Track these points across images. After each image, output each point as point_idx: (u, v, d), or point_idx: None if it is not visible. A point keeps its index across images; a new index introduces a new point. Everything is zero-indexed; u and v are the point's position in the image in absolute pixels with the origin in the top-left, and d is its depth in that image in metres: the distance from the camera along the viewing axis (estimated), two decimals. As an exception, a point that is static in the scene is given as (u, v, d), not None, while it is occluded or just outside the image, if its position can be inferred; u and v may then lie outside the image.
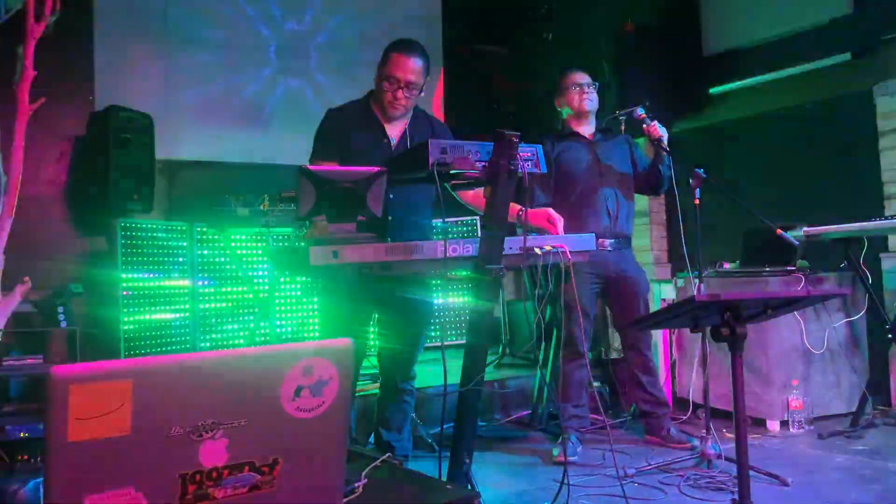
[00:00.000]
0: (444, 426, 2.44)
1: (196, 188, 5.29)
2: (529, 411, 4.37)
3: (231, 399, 1.12)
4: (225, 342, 4.96)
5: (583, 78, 3.72)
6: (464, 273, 2.28)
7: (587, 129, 3.77)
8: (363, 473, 1.78)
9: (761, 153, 5.05)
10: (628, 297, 3.70)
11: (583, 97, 3.70)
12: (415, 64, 2.81)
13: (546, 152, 3.65)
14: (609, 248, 3.65)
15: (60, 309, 4.34)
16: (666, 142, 3.53)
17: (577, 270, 3.44)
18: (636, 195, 3.88)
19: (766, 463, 3.18)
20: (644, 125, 3.53)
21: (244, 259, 5.07)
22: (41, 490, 1.31)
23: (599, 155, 3.72)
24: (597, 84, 3.75)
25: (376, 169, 2.26)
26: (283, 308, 5.15)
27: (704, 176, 3.38)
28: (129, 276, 4.56)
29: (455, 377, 2.36)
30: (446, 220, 2.54)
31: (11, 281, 3.66)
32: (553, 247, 2.35)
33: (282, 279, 5.08)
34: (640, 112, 3.55)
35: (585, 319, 3.64)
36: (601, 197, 3.66)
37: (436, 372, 2.51)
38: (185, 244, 4.88)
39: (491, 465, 3.44)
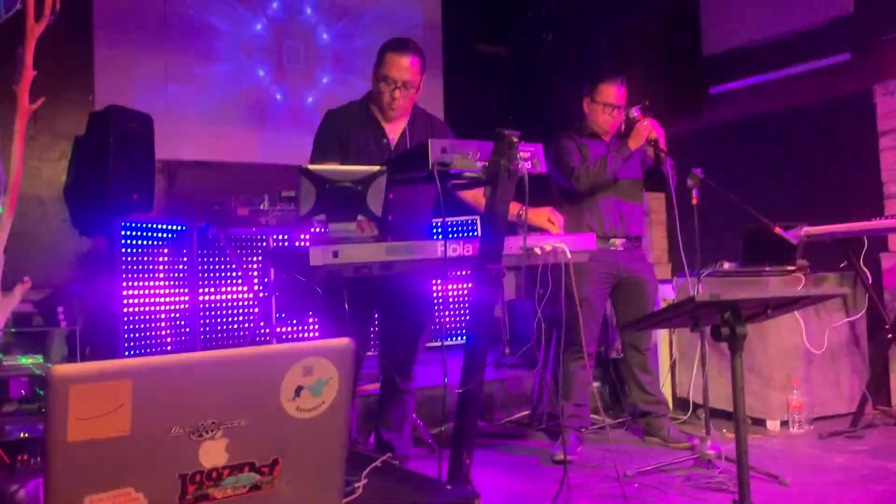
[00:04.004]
0: (444, 426, 2.44)
1: (196, 188, 5.30)
2: (529, 411, 4.37)
3: (231, 399, 1.12)
4: (225, 342, 4.96)
5: (618, 98, 3.64)
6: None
7: (604, 133, 3.76)
8: (363, 473, 1.78)
9: (761, 153, 5.05)
10: (636, 297, 3.71)
11: (609, 120, 3.66)
12: (409, 62, 2.80)
13: (577, 146, 3.67)
14: (621, 248, 3.67)
15: (60, 309, 4.35)
16: (663, 142, 3.52)
17: (588, 269, 3.46)
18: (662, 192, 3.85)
19: (766, 463, 3.18)
20: (640, 126, 3.50)
21: (244, 259, 5.07)
22: (41, 490, 1.31)
23: (613, 155, 3.70)
24: (624, 105, 3.66)
25: (376, 169, 2.26)
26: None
27: (702, 176, 3.38)
28: (129, 275, 4.56)
29: (455, 377, 2.36)
30: (446, 219, 2.54)
31: (11, 281, 3.66)
32: (553, 246, 2.35)
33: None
34: (636, 112, 3.54)
35: (594, 319, 3.64)
36: (613, 196, 3.66)
37: (436, 372, 2.51)
38: (184, 244, 4.88)
39: (491, 465, 3.44)
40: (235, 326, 5.02)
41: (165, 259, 4.78)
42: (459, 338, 5.58)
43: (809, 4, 4.83)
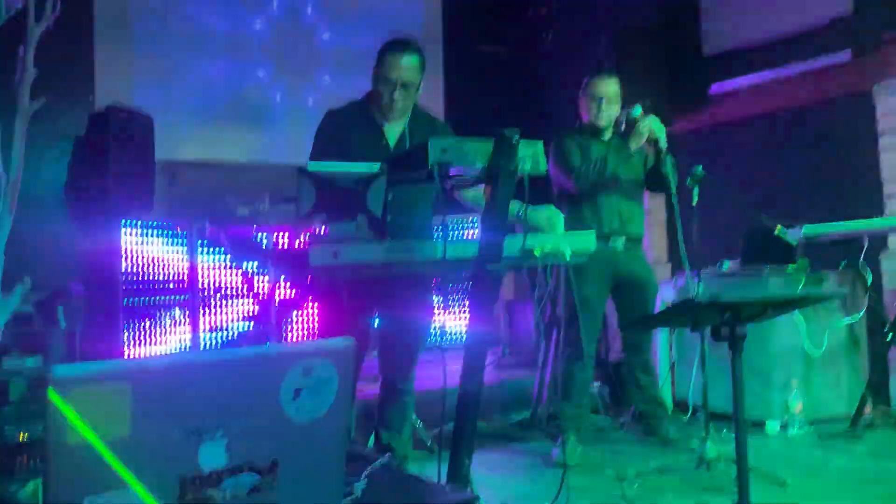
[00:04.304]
0: (444, 427, 2.44)
1: (196, 188, 5.29)
2: (529, 411, 4.37)
3: (231, 400, 1.12)
4: (225, 342, 4.96)
5: (603, 91, 3.64)
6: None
7: (604, 133, 3.75)
8: (362, 475, 1.78)
9: (761, 153, 5.04)
10: (637, 298, 3.70)
11: (599, 113, 3.65)
12: (409, 63, 2.79)
13: (577, 145, 3.67)
14: (620, 248, 3.66)
15: (60, 309, 4.34)
16: (664, 142, 3.50)
17: (587, 269, 3.46)
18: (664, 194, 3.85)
19: (766, 464, 3.18)
20: (640, 125, 3.50)
21: (244, 259, 5.06)
22: (40, 492, 1.31)
23: (614, 155, 3.70)
24: (615, 99, 3.66)
25: (377, 169, 2.26)
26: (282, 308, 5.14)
27: (702, 175, 3.38)
28: (129, 275, 4.56)
29: (455, 377, 2.35)
30: (446, 219, 2.54)
31: (11, 281, 3.66)
32: (553, 247, 2.35)
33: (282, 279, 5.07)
34: (637, 111, 3.52)
35: (594, 319, 3.63)
36: (614, 197, 3.65)
37: (436, 372, 2.51)
38: (184, 244, 4.87)
39: (490, 467, 3.43)
40: (235, 326, 5.01)
41: (165, 259, 4.77)
42: (459, 338, 5.58)
43: (809, 4, 4.83)
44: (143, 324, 4.63)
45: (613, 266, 3.64)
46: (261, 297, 4.96)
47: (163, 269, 4.76)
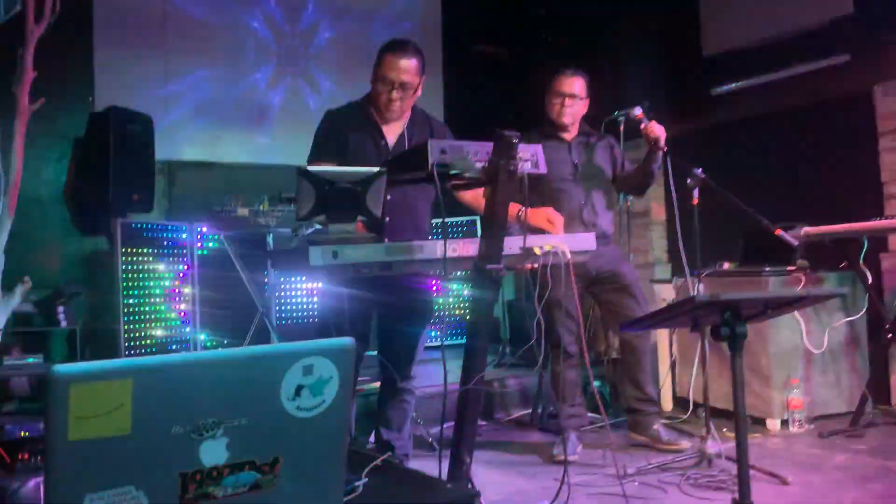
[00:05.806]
0: (444, 426, 2.44)
1: (196, 188, 5.30)
2: (529, 411, 4.37)
3: (231, 398, 1.13)
4: (225, 342, 4.96)
5: (567, 87, 3.64)
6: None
7: (568, 132, 3.74)
8: (363, 473, 1.78)
9: (761, 153, 5.04)
10: (614, 291, 3.67)
11: (561, 110, 3.65)
12: (408, 64, 2.79)
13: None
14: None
15: (60, 309, 4.35)
16: (664, 141, 3.51)
17: (554, 271, 3.42)
18: (638, 196, 3.85)
19: (767, 462, 3.18)
20: (642, 125, 3.51)
21: (244, 259, 5.07)
22: (42, 489, 1.31)
23: (577, 155, 3.69)
24: (579, 97, 3.65)
25: (376, 170, 2.26)
26: (283, 308, 5.15)
27: (702, 176, 3.38)
28: (129, 276, 4.57)
29: (455, 377, 2.36)
30: (445, 220, 2.54)
31: (11, 281, 3.67)
32: (553, 247, 2.35)
33: (282, 279, 5.08)
34: (637, 112, 3.53)
35: (570, 320, 3.58)
36: (576, 197, 3.64)
37: (436, 372, 2.52)
38: (184, 244, 4.88)
39: (491, 465, 3.44)
40: (236, 326, 5.01)
41: (165, 260, 4.78)
42: (459, 338, 5.58)
43: (809, 4, 4.83)
44: (142, 324, 4.63)
45: (581, 267, 3.56)
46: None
47: (163, 269, 4.76)
